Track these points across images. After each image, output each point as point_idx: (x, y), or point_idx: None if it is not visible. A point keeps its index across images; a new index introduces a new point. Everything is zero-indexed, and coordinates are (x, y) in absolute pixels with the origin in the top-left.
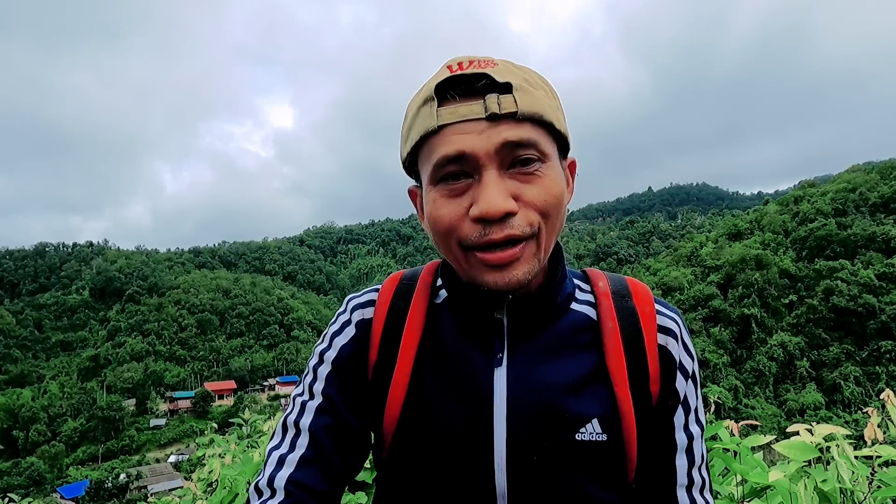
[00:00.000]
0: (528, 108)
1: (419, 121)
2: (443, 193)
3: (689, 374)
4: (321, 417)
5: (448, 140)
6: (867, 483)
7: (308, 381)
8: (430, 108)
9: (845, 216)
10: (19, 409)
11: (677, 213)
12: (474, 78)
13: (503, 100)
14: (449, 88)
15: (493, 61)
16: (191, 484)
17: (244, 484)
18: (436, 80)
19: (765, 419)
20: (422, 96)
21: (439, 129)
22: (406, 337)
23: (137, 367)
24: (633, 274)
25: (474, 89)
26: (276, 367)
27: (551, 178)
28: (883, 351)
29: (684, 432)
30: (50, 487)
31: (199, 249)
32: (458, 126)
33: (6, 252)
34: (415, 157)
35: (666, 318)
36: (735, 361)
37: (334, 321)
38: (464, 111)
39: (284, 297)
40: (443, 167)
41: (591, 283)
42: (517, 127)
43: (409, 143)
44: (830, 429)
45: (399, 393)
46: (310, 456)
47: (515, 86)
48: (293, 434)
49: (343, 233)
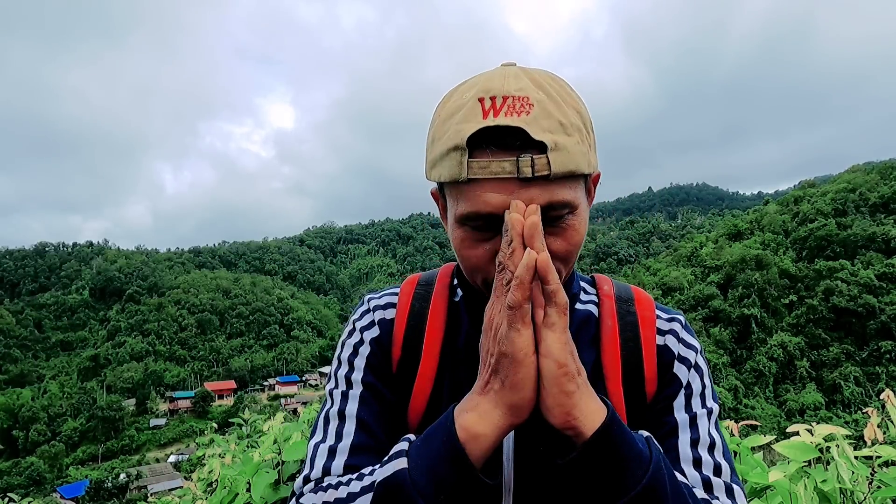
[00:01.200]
0: (562, 169)
1: (447, 164)
2: (469, 235)
3: (692, 363)
4: (365, 404)
5: (476, 195)
6: (867, 483)
7: (344, 373)
8: (461, 158)
9: (845, 216)
10: (19, 408)
11: (677, 214)
12: (508, 132)
13: (537, 161)
14: (482, 140)
15: (529, 101)
16: (191, 484)
17: (244, 484)
18: (467, 124)
19: (765, 419)
20: (451, 140)
21: (469, 181)
22: (428, 337)
23: (137, 367)
24: (633, 274)
25: (507, 144)
26: (276, 366)
27: (576, 227)
28: (883, 351)
29: (685, 411)
30: (50, 487)
31: (199, 249)
32: (488, 184)
33: (6, 252)
34: (441, 185)
35: (666, 321)
36: (735, 361)
37: (359, 318)
38: (495, 168)
39: (284, 297)
40: (470, 219)
41: (596, 286)
42: (549, 188)
43: (434, 174)
44: (830, 429)
45: (426, 387)
46: (360, 442)
47: (550, 145)
48: (337, 424)
49: (343, 233)
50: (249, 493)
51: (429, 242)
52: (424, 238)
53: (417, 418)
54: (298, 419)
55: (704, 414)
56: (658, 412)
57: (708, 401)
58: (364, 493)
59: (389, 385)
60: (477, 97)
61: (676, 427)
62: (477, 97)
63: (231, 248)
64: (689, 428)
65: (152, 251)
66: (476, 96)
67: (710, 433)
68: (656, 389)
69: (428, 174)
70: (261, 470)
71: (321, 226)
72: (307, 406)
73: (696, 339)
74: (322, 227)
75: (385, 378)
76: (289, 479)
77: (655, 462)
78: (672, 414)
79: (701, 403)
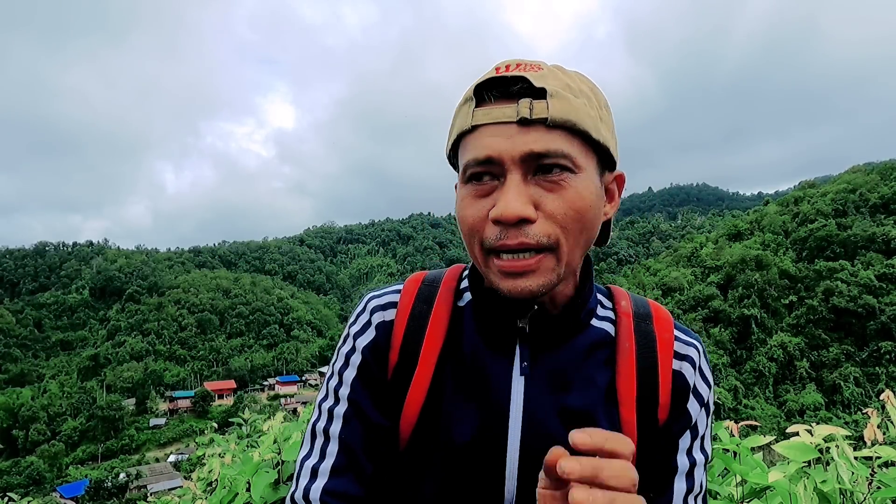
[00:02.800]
0: (561, 116)
1: (458, 119)
2: (470, 193)
3: (704, 401)
4: (350, 423)
5: (479, 142)
6: (867, 484)
7: (333, 386)
8: (468, 108)
9: (845, 217)
10: (19, 408)
11: (677, 214)
12: (512, 81)
13: (536, 105)
14: (488, 89)
15: (540, 66)
16: (190, 483)
17: (244, 484)
18: (479, 80)
19: (764, 420)
20: (464, 95)
21: (473, 129)
22: (427, 342)
23: (137, 367)
24: (633, 274)
25: (510, 92)
26: (276, 366)
27: (577, 190)
28: (883, 352)
29: (687, 457)
30: (49, 487)
31: (199, 249)
32: (490, 128)
33: (6, 251)
34: (455, 153)
35: (684, 344)
36: (735, 362)
37: (354, 322)
38: (496, 114)
39: (284, 296)
40: (472, 168)
41: (613, 300)
42: (546, 134)
43: (449, 140)
44: (830, 429)
45: (418, 397)
46: (341, 464)
47: (551, 91)
48: (322, 442)
49: (343, 233)
50: (249, 492)
51: (429, 242)
52: (424, 238)
53: (409, 428)
54: (298, 419)
55: (702, 462)
56: (662, 446)
57: (706, 446)
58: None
59: (379, 398)
60: (494, 67)
61: (675, 472)
62: (494, 67)
63: (231, 247)
64: (684, 477)
65: (152, 251)
66: (493, 67)
67: (702, 482)
68: (667, 417)
69: (447, 151)
70: (260, 470)
71: (321, 226)
72: (307, 406)
73: (711, 371)
74: (322, 226)
75: (375, 392)
76: (288, 478)
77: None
78: (675, 455)
79: (700, 449)
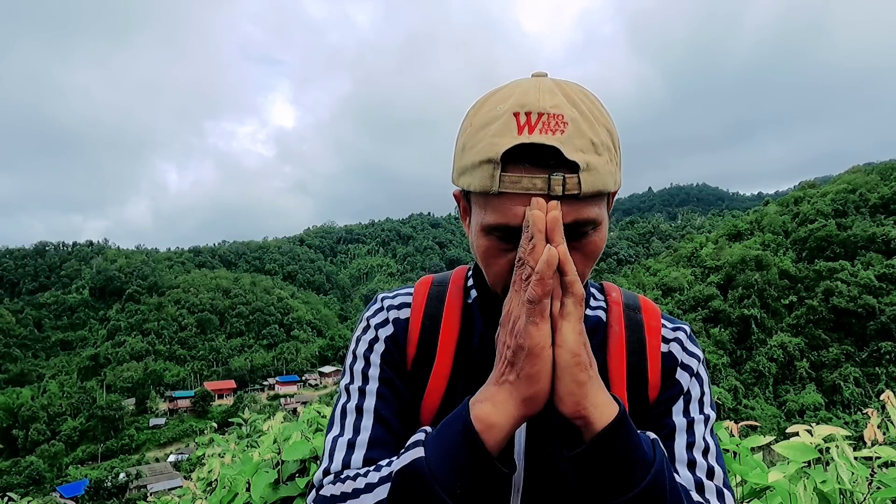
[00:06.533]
0: (591, 189)
1: (478, 175)
2: (495, 245)
3: (693, 371)
4: (382, 399)
5: (506, 208)
6: (867, 484)
7: (360, 368)
8: (493, 172)
9: (845, 217)
10: (19, 408)
11: (677, 214)
12: (542, 149)
13: (569, 181)
14: (515, 155)
15: (563, 119)
16: (190, 483)
17: (244, 483)
18: (502, 139)
19: (764, 420)
20: (485, 151)
21: (499, 194)
22: (443, 337)
23: (137, 367)
24: (633, 274)
25: (540, 161)
26: (276, 366)
27: (597, 241)
28: (883, 352)
29: (684, 416)
30: (49, 486)
31: (199, 249)
32: (518, 198)
33: (6, 251)
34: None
35: (671, 329)
36: (735, 362)
37: (373, 315)
38: (527, 184)
39: (284, 296)
40: (497, 230)
41: (605, 293)
42: (576, 206)
43: (463, 181)
44: (830, 430)
45: (439, 386)
46: (378, 436)
47: (583, 166)
48: (354, 419)
49: (343, 232)
50: (249, 492)
51: (429, 242)
52: (424, 238)
53: (430, 416)
54: (298, 419)
55: (702, 420)
56: (657, 415)
57: (705, 407)
58: (382, 483)
59: (404, 381)
60: (512, 111)
61: (674, 430)
62: (512, 111)
63: (231, 247)
64: (685, 432)
65: (152, 250)
66: (511, 110)
67: (706, 438)
68: (658, 394)
69: (455, 180)
70: (260, 470)
71: (321, 225)
72: (307, 406)
73: (699, 348)
74: (322, 226)
75: (400, 374)
76: (288, 478)
77: (658, 465)
78: (670, 417)
79: (699, 409)
